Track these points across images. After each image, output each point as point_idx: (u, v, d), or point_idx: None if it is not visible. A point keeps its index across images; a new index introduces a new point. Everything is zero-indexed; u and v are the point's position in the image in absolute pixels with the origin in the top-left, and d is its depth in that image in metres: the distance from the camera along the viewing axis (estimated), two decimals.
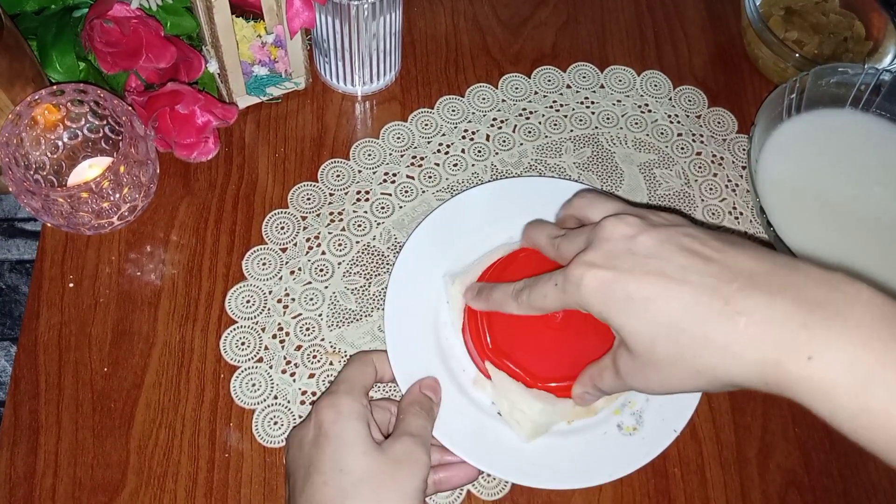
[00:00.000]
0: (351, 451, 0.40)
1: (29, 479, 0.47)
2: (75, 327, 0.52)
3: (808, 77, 0.59)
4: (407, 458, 0.41)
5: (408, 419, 0.44)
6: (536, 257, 0.49)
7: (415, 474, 0.41)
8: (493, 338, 0.48)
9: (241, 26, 0.55)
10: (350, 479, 0.39)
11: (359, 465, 0.40)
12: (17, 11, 0.57)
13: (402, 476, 0.40)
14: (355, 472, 0.39)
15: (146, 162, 0.52)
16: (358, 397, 0.43)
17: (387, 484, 0.40)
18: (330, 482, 0.39)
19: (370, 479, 0.39)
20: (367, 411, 0.43)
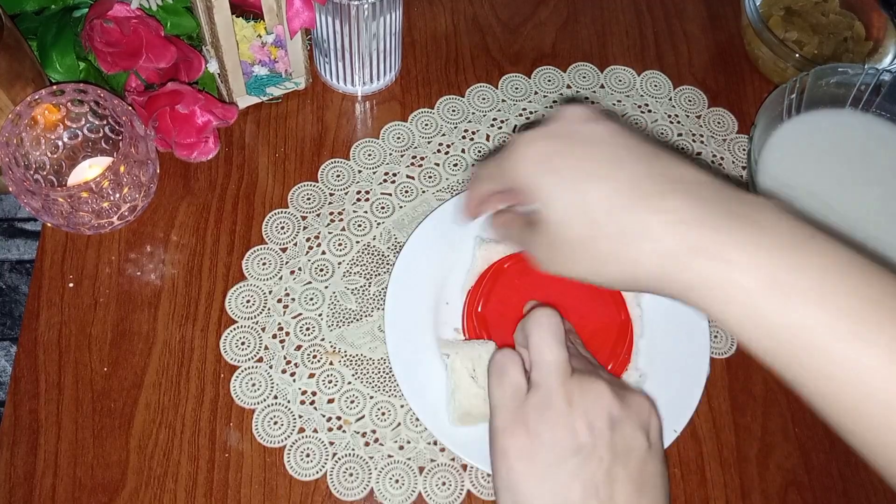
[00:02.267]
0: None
1: (29, 479, 0.47)
2: (75, 327, 0.52)
3: (808, 77, 0.59)
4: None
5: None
6: (522, 266, 0.51)
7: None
8: (483, 308, 0.49)
9: (241, 26, 0.55)
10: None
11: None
12: (17, 11, 0.57)
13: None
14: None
15: (146, 162, 0.52)
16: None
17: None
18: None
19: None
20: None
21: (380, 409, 0.50)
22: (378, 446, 0.49)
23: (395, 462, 0.49)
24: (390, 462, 0.49)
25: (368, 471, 0.48)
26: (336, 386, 0.51)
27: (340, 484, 0.48)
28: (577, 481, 0.35)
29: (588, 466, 0.35)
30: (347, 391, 0.51)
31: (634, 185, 0.35)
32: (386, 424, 0.50)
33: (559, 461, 0.36)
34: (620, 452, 0.36)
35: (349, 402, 0.50)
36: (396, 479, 0.48)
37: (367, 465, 0.49)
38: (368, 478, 0.48)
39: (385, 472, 0.48)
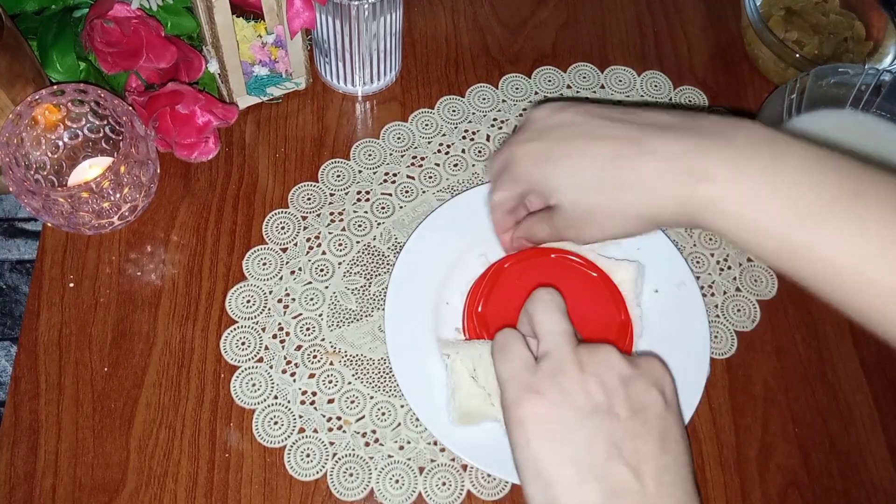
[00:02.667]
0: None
1: (29, 479, 0.47)
2: (75, 327, 0.52)
3: (808, 77, 0.59)
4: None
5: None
6: (522, 266, 0.51)
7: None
8: (483, 308, 0.49)
9: (242, 26, 0.55)
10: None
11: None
12: (17, 11, 0.57)
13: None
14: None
15: (146, 162, 0.52)
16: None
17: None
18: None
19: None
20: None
21: (380, 409, 0.50)
22: (378, 446, 0.49)
23: (395, 462, 0.49)
24: (390, 462, 0.49)
25: (368, 471, 0.48)
26: (336, 386, 0.51)
27: (340, 484, 0.48)
28: (598, 440, 0.35)
29: (607, 424, 0.35)
30: (347, 391, 0.51)
31: (616, 143, 0.39)
32: (386, 424, 0.50)
33: (577, 422, 0.35)
34: (638, 409, 0.36)
35: (349, 402, 0.50)
36: (396, 479, 0.48)
37: (367, 465, 0.49)
38: (368, 478, 0.48)
39: (385, 472, 0.48)
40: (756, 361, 0.54)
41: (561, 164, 0.41)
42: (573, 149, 0.40)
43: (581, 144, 0.40)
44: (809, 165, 0.36)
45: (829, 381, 0.54)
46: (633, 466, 0.34)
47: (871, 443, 0.52)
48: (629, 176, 0.38)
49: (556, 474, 0.34)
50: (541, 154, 0.41)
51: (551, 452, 0.35)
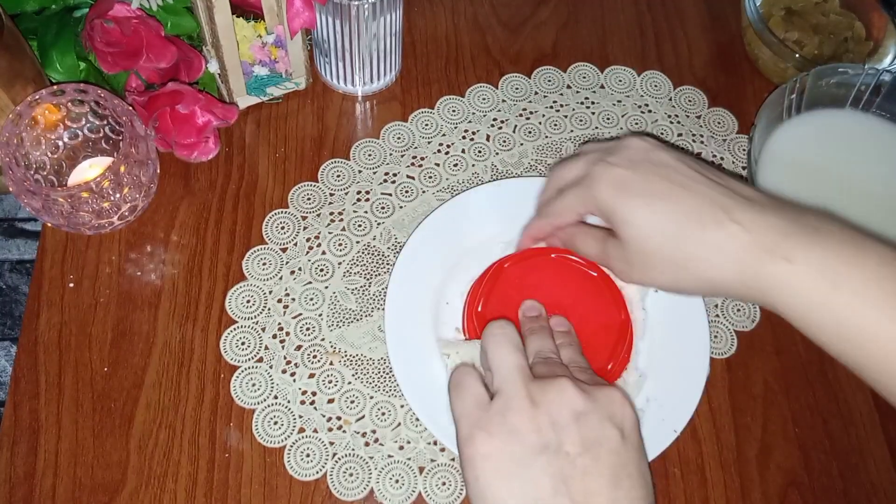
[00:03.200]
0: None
1: (29, 479, 0.47)
2: (75, 327, 0.52)
3: (808, 77, 0.59)
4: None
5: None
6: (522, 265, 0.50)
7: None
8: (483, 308, 0.49)
9: (242, 26, 0.55)
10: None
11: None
12: (17, 11, 0.57)
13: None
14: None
15: (146, 162, 0.52)
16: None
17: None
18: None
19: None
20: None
21: (380, 409, 0.50)
22: (378, 446, 0.49)
23: (395, 462, 0.49)
24: (390, 462, 0.49)
25: (368, 471, 0.48)
26: (336, 386, 0.51)
27: (340, 484, 0.48)
28: (545, 477, 0.35)
29: (556, 462, 0.35)
30: (347, 391, 0.51)
31: (705, 202, 0.39)
32: (386, 424, 0.50)
33: (526, 460, 0.35)
34: (590, 445, 0.36)
35: (349, 402, 0.50)
36: (396, 479, 0.48)
37: (367, 465, 0.49)
38: (368, 478, 0.48)
39: (385, 472, 0.48)
40: (756, 361, 0.54)
41: (645, 202, 0.41)
42: (664, 192, 0.40)
43: (674, 191, 0.40)
44: (889, 260, 0.37)
45: (829, 381, 0.54)
46: (579, 503, 0.34)
47: (871, 443, 0.52)
48: (712, 238, 0.38)
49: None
50: (627, 184, 0.41)
51: (498, 489, 0.35)
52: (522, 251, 0.52)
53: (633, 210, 0.41)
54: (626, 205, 0.41)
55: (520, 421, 0.36)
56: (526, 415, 0.37)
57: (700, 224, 0.39)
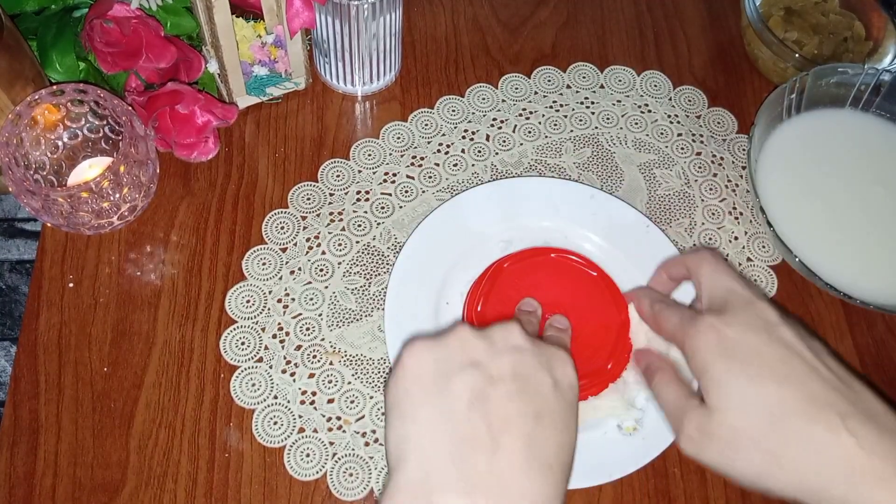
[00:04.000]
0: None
1: (29, 479, 0.47)
2: (75, 327, 0.52)
3: (807, 77, 0.59)
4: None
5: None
6: (522, 265, 0.51)
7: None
8: (483, 308, 0.49)
9: (241, 26, 0.55)
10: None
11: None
12: (17, 11, 0.57)
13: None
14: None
15: (146, 162, 0.52)
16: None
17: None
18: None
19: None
20: None
21: (380, 409, 0.50)
22: (378, 446, 0.49)
23: None
24: None
25: (368, 471, 0.48)
26: (336, 386, 0.51)
27: (340, 484, 0.48)
28: (465, 391, 0.34)
29: (480, 379, 0.34)
30: (347, 391, 0.51)
31: (815, 396, 0.35)
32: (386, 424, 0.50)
33: (450, 372, 0.35)
34: (519, 378, 0.35)
35: (349, 402, 0.50)
36: None
37: (367, 465, 0.49)
38: (368, 478, 0.48)
39: (385, 472, 0.48)
40: None
41: (750, 374, 0.36)
42: (774, 371, 0.36)
43: (778, 370, 0.36)
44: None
45: None
46: (491, 424, 0.33)
47: None
48: (821, 439, 0.34)
49: (415, 413, 0.34)
50: (734, 349, 0.37)
51: (416, 394, 0.35)
52: (523, 251, 0.52)
53: (733, 377, 0.36)
54: (727, 369, 0.37)
55: (456, 341, 0.36)
56: (465, 336, 0.36)
57: (808, 420, 0.35)
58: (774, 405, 0.36)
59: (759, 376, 0.36)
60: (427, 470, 0.32)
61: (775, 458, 0.35)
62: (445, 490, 0.32)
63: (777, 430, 0.35)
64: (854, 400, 0.36)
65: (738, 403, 0.36)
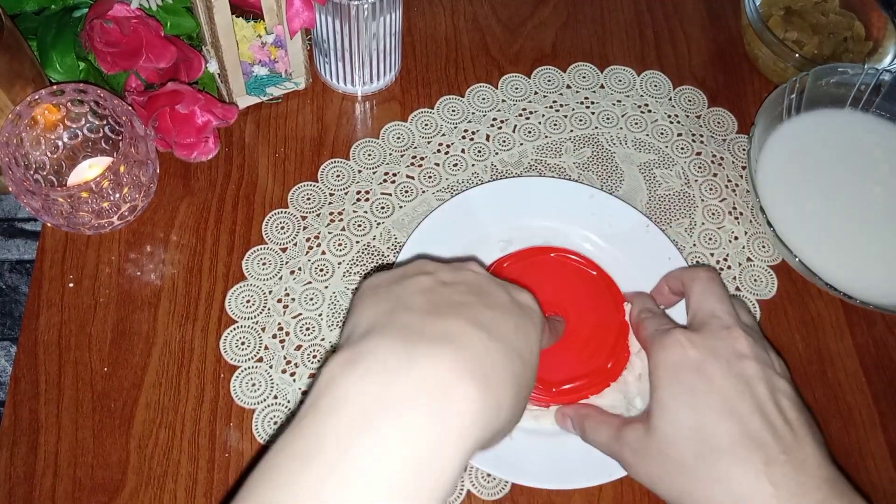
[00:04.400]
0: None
1: (29, 479, 0.47)
2: (75, 327, 0.52)
3: (807, 77, 0.59)
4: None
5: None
6: (521, 265, 0.51)
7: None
8: None
9: (241, 26, 0.55)
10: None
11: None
12: (17, 11, 0.57)
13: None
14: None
15: (146, 162, 0.52)
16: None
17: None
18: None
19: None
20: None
21: None
22: None
23: None
24: None
25: None
26: None
27: None
28: (416, 285, 0.34)
29: (432, 280, 0.34)
30: None
31: (749, 436, 0.35)
32: None
33: (404, 280, 0.35)
34: (474, 287, 0.35)
35: None
36: None
37: None
38: None
39: None
40: None
41: (696, 399, 0.37)
42: (719, 400, 0.37)
43: (728, 404, 0.36)
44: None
45: (829, 381, 0.54)
46: (438, 304, 0.33)
47: (871, 443, 0.52)
48: (739, 480, 0.34)
49: (365, 308, 0.34)
50: (693, 371, 0.38)
51: (369, 295, 0.35)
52: (522, 251, 0.52)
53: (678, 402, 0.37)
54: (675, 393, 0.38)
55: (415, 263, 0.36)
56: (423, 260, 0.37)
57: (733, 460, 0.35)
58: (706, 438, 0.36)
59: (702, 406, 0.37)
60: (368, 328, 0.32)
61: (691, 490, 0.36)
62: (381, 334, 0.31)
63: (700, 463, 0.35)
64: (790, 446, 0.35)
65: (673, 430, 0.37)
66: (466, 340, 0.30)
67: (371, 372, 0.29)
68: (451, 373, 0.29)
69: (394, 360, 0.29)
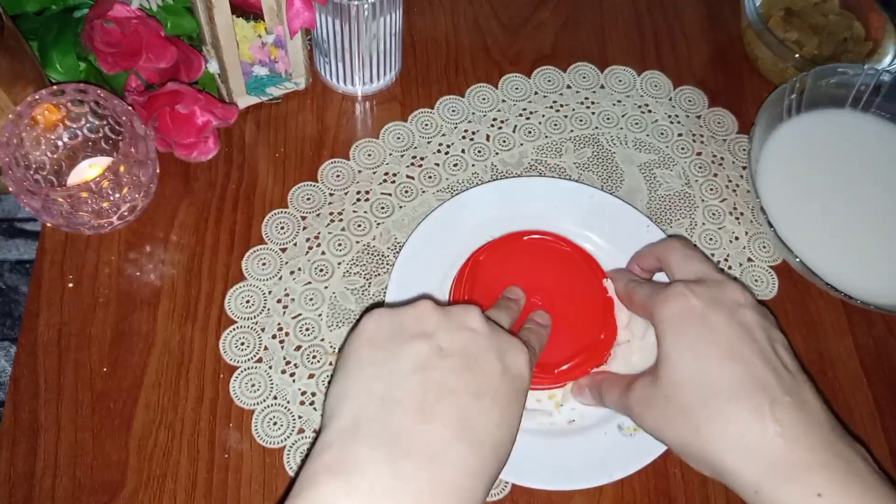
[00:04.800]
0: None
1: (29, 479, 0.47)
2: (75, 327, 0.52)
3: (807, 77, 0.59)
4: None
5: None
6: (498, 254, 0.51)
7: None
8: (469, 296, 0.50)
9: (242, 26, 0.55)
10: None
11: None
12: (17, 12, 0.57)
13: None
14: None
15: (146, 162, 0.52)
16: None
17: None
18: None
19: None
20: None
21: None
22: None
23: None
24: None
25: None
26: None
27: None
28: (412, 357, 0.34)
29: (426, 349, 0.35)
30: None
31: (753, 378, 0.36)
32: None
33: (399, 338, 0.35)
34: (466, 355, 0.35)
35: None
36: None
37: None
38: None
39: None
40: None
41: (702, 345, 0.38)
42: (723, 345, 0.37)
43: (732, 349, 0.37)
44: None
45: (829, 381, 0.53)
46: (429, 391, 0.33)
47: (871, 443, 0.52)
48: (745, 420, 0.35)
49: (359, 372, 0.35)
50: (697, 320, 0.39)
51: (364, 355, 0.35)
52: (495, 240, 0.52)
53: (682, 350, 0.38)
54: (679, 341, 0.39)
55: (415, 311, 0.36)
56: (424, 308, 0.37)
57: (738, 400, 0.36)
58: (711, 381, 0.37)
59: (705, 352, 0.38)
60: (356, 423, 0.32)
61: (697, 432, 0.36)
62: (369, 443, 0.31)
63: (706, 405, 0.36)
64: (791, 388, 0.36)
65: (680, 376, 0.38)
66: (450, 457, 0.32)
67: (357, 492, 0.30)
68: (433, 493, 0.30)
69: (379, 486, 0.30)
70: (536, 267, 0.51)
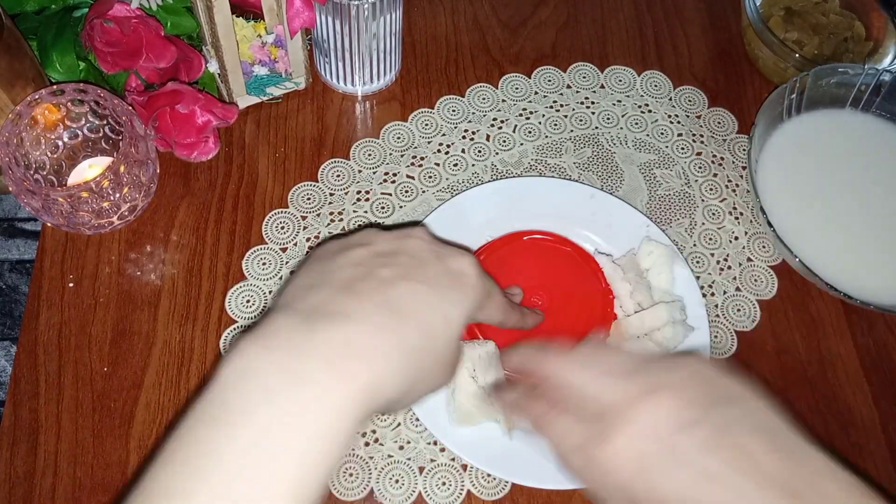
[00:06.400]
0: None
1: (29, 478, 0.47)
2: (75, 327, 0.52)
3: (808, 77, 0.59)
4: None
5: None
6: (498, 254, 0.52)
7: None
8: None
9: (242, 26, 0.55)
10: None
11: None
12: (17, 11, 0.57)
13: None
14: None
15: (146, 161, 0.52)
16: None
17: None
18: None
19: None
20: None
21: None
22: (378, 446, 0.49)
23: (395, 462, 0.49)
24: (390, 462, 0.49)
25: (368, 471, 0.48)
26: None
27: (340, 484, 0.48)
28: (349, 257, 0.35)
29: (366, 252, 0.35)
30: None
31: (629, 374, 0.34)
32: (386, 424, 0.50)
33: (346, 249, 0.36)
34: (404, 253, 0.35)
35: None
36: (396, 479, 0.48)
37: (367, 465, 0.48)
38: (368, 478, 0.48)
39: (385, 472, 0.48)
40: (756, 361, 0.54)
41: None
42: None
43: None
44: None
45: (829, 381, 0.54)
46: (356, 272, 0.34)
47: (871, 443, 0.52)
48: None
49: (299, 275, 0.35)
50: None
51: (309, 265, 0.36)
52: (493, 241, 0.53)
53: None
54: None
55: (359, 233, 0.37)
56: (367, 230, 0.37)
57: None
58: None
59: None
60: (282, 306, 0.33)
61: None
62: (287, 313, 0.32)
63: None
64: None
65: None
66: (367, 319, 0.32)
67: (274, 347, 0.31)
68: (346, 347, 0.31)
69: (297, 337, 0.31)
70: (536, 267, 0.51)
